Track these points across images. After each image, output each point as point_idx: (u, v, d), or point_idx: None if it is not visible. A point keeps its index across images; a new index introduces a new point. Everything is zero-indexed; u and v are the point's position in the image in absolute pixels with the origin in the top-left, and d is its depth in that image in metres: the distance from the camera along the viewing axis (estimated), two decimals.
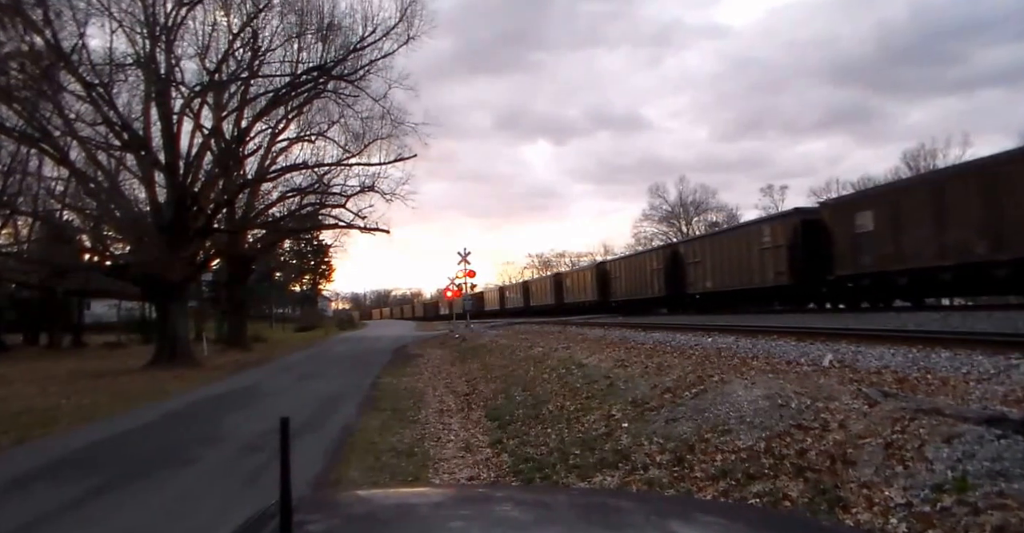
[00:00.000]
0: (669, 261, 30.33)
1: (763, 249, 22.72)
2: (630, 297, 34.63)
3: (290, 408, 11.40)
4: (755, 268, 23.27)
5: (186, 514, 5.63)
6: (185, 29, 22.78)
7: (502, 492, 2.83)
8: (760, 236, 23.12)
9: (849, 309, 20.40)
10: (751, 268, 23.57)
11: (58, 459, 7.98)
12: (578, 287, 42.32)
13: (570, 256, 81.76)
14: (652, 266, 32.17)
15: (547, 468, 6.22)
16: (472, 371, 16.00)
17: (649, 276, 32.25)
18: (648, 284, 32.32)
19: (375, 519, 1.57)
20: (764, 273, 22.72)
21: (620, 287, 36.10)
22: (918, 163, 49.16)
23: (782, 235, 22.00)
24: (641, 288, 33.23)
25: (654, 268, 31.79)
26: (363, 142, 25.58)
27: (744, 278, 24.11)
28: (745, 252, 23.92)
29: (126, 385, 15.98)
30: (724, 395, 6.40)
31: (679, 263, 29.46)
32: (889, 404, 4.93)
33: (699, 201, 66.37)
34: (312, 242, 51.75)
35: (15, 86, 20.25)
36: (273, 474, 4.72)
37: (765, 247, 22.65)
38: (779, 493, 4.25)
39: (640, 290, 33.33)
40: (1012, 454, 3.60)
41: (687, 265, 28.58)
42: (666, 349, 11.40)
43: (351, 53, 23.67)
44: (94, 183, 22.16)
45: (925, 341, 8.30)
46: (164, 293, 22.14)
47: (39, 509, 5.81)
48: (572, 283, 44.14)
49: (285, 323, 59.69)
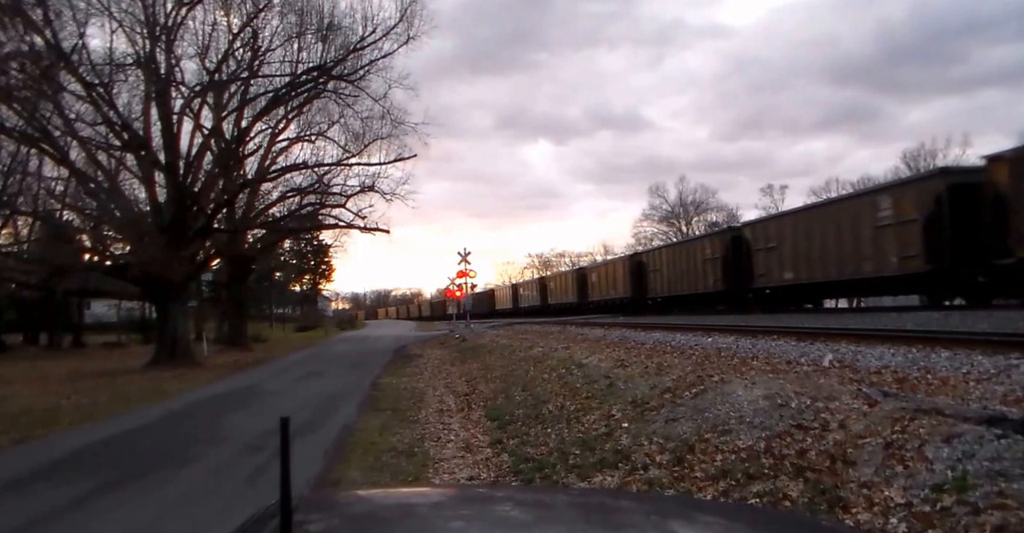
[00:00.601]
0: (729, 248, 25.60)
1: (881, 227, 17.84)
2: (674, 293, 30.28)
3: (290, 408, 11.40)
4: (866, 252, 18.50)
5: (186, 514, 5.63)
6: (185, 29, 22.87)
7: (502, 492, 2.83)
8: (875, 209, 18.19)
9: None
10: (860, 252, 18.75)
11: (58, 459, 7.98)
12: (606, 282, 37.77)
13: (570, 256, 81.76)
14: (705, 255, 27.43)
15: (547, 468, 6.22)
16: (472, 371, 16.00)
17: (701, 267, 27.58)
18: (699, 277, 27.76)
19: (375, 519, 1.57)
20: (883, 258, 17.89)
21: (661, 281, 31.72)
22: (918, 163, 49.14)
23: (914, 206, 16.90)
24: (690, 282, 28.57)
25: (708, 258, 27.10)
26: (363, 142, 25.63)
27: (847, 265, 19.28)
28: (849, 232, 19.14)
29: (126, 385, 15.98)
30: (724, 395, 6.40)
31: (743, 250, 24.73)
32: (889, 404, 4.93)
33: (699, 201, 66.32)
34: (312, 242, 51.79)
35: (15, 86, 20.25)
36: (273, 474, 4.73)
37: (883, 224, 17.77)
38: (779, 493, 4.25)
39: (688, 285, 28.74)
40: (1012, 454, 3.60)
41: (755, 252, 23.81)
42: (666, 349, 11.40)
43: (351, 53, 23.72)
44: (94, 183, 22.17)
45: (925, 341, 8.30)
46: (164, 293, 22.14)
47: (39, 509, 5.81)
48: (599, 278, 39.50)
49: (285, 323, 59.71)
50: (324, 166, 26.02)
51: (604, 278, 38.58)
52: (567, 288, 44.96)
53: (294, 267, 58.21)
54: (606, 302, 37.46)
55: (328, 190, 26.56)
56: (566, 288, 45.24)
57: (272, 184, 28.40)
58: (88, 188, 22.43)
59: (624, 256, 41.54)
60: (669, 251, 32.54)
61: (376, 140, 25.47)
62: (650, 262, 33.60)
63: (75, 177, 22.85)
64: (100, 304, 41.37)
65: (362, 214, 26.33)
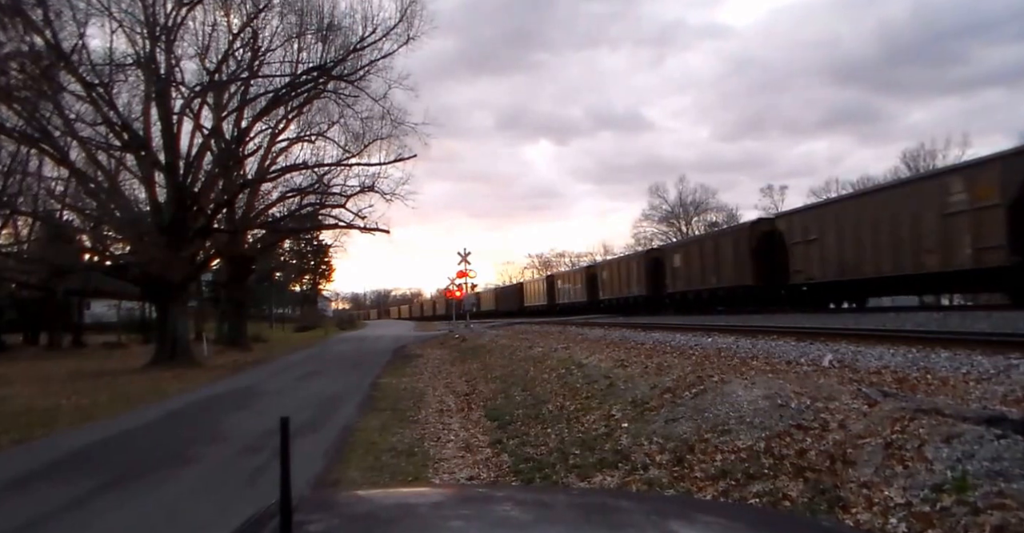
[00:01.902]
0: (762, 242, 23.30)
1: (951, 214, 15.69)
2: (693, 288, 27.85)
3: (290, 408, 11.39)
4: (929, 243, 16.35)
5: (186, 514, 5.63)
6: (185, 29, 22.86)
7: (502, 492, 2.83)
8: (944, 193, 15.93)
9: None
10: (919, 243, 16.65)
11: (58, 459, 7.98)
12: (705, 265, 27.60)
13: (570, 256, 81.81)
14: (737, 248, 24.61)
15: (547, 468, 6.22)
16: (472, 371, 16.00)
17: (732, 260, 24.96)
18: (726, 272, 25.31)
19: (375, 519, 1.57)
20: (952, 250, 15.70)
21: None
22: (917, 163, 49.17)
23: (995, 188, 14.52)
24: (717, 277, 25.89)
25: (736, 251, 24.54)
26: (363, 142, 25.61)
27: (904, 259, 17.11)
28: (908, 220, 16.97)
29: (126, 385, 15.98)
30: (724, 395, 6.40)
31: (776, 244, 22.68)
32: (889, 404, 4.93)
33: (699, 201, 66.40)
34: (312, 242, 51.78)
35: (15, 86, 20.26)
36: (273, 474, 4.73)
37: (955, 210, 15.58)
38: (779, 493, 4.25)
39: (714, 279, 26.26)
40: (1012, 454, 3.60)
41: (792, 246, 21.74)
42: (666, 349, 11.41)
43: (351, 53, 23.71)
44: (94, 183, 22.18)
45: (925, 341, 8.31)
46: (164, 293, 22.14)
47: (39, 509, 5.81)
48: (685, 260, 29.70)
49: (285, 323, 59.73)
50: (324, 166, 26.04)
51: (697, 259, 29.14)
52: (629, 277, 35.14)
53: (294, 267, 58.20)
54: (702, 294, 29.22)
55: (328, 190, 26.57)
56: (625, 278, 35.55)
57: (272, 184, 28.41)
58: (88, 188, 22.43)
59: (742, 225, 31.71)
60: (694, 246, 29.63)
61: (376, 140, 25.49)
62: None
63: (75, 177, 22.86)
64: (100, 304, 41.38)
65: (362, 214, 26.35)
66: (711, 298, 27.17)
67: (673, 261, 30.41)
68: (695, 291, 28.36)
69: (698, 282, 27.88)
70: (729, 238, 26.38)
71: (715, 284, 26.43)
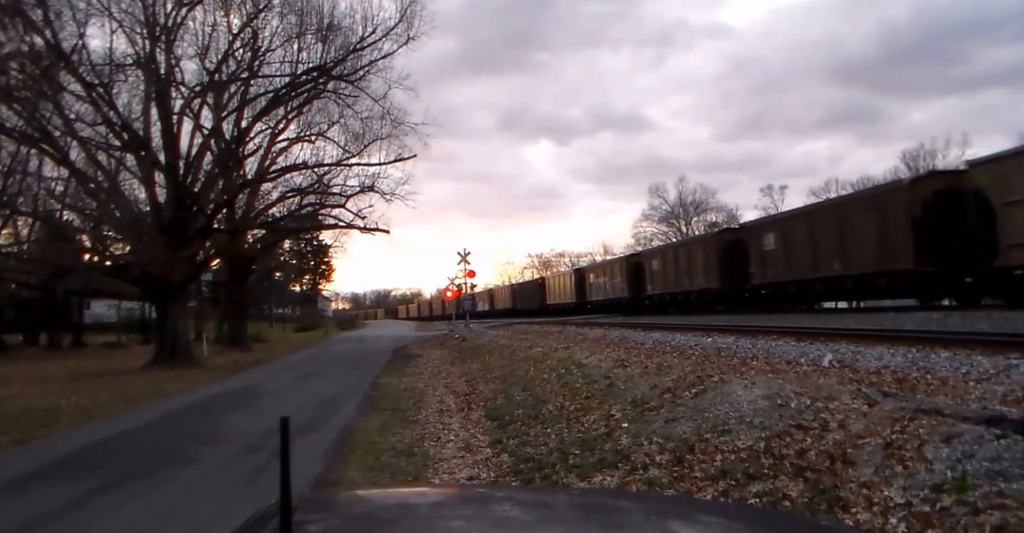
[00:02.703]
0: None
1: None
2: None
3: (290, 408, 11.39)
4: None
5: (186, 514, 5.63)
6: (185, 29, 22.85)
7: (502, 492, 2.84)
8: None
9: None
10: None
11: (58, 459, 7.98)
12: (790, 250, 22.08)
13: (570, 256, 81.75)
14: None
15: (547, 468, 6.22)
16: (472, 371, 16.00)
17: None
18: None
19: (375, 519, 1.57)
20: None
21: None
22: (917, 163, 49.11)
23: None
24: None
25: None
26: (363, 142, 25.61)
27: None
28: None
29: (126, 385, 15.98)
30: (724, 395, 6.40)
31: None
32: (889, 404, 4.93)
33: (699, 201, 66.37)
34: (312, 242, 51.79)
35: (15, 86, 20.26)
36: (273, 474, 4.73)
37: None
38: (779, 493, 4.25)
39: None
40: (1012, 454, 3.60)
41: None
42: (666, 349, 11.41)
43: (351, 53, 23.70)
44: (94, 183, 22.16)
45: (924, 341, 8.31)
46: (164, 293, 22.14)
47: (40, 509, 5.81)
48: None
49: (285, 323, 59.71)
50: (324, 166, 26.04)
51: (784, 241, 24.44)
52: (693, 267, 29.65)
53: (294, 267, 58.22)
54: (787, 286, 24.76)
55: (328, 190, 26.58)
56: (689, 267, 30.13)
57: (272, 184, 28.42)
58: (88, 188, 22.42)
59: None
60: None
61: (376, 140, 25.48)
62: None
63: (75, 177, 22.84)
64: (100, 304, 41.38)
65: (362, 214, 26.35)
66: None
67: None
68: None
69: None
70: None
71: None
